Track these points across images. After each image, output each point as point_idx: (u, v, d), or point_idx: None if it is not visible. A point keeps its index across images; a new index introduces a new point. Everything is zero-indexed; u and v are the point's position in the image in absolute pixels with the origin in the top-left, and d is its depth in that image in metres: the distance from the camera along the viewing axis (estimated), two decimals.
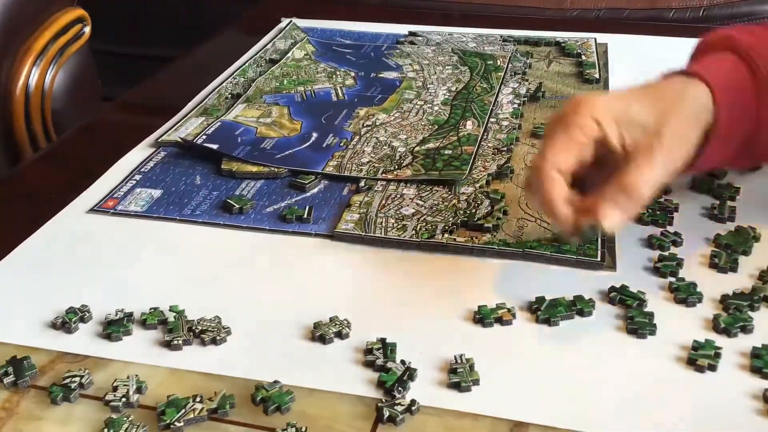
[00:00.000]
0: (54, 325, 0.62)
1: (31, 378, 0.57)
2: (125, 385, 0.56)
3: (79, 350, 0.60)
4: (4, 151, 1.17)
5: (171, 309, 0.63)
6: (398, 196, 0.78)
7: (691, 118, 0.65)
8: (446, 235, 0.71)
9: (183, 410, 0.53)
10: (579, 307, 0.63)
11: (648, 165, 0.62)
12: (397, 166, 0.83)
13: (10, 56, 1.16)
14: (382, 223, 0.74)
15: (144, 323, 0.62)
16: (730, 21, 1.45)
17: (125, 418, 0.53)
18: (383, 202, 0.77)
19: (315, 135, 0.89)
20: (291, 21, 1.26)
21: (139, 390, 0.56)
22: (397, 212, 0.75)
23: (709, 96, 0.66)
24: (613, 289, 0.64)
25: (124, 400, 0.55)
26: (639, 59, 1.08)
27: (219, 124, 0.91)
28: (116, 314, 0.62)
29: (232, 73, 1.07)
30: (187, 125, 0.91)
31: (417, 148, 0.86)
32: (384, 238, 0.72)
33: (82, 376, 0.56)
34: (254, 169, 0.83)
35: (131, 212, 0.77)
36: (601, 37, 1.17)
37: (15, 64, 1.16)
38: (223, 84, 1.03)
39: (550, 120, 0.67)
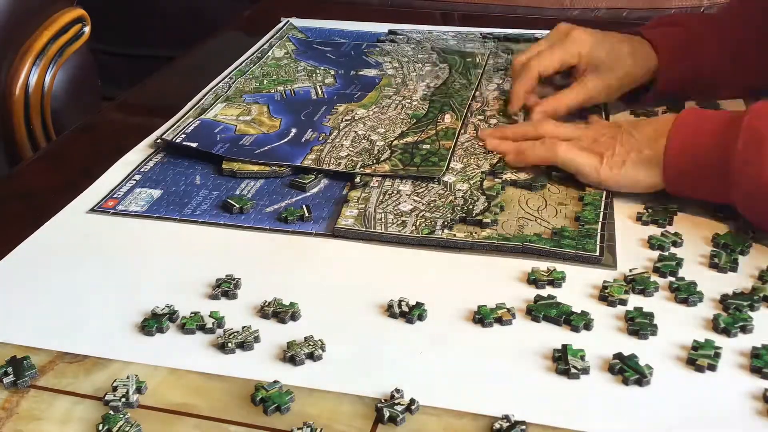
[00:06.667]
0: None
1: (31, 378, 0.57)
2: (125, 385, 0.56)
3: (80, 350, 0.60)
4: (4, 151, 1.17)
5: (211, 315, 0.62)
6: (395, 192, 0.78)
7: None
8: (446, 231, 0.72)
9: None
10: (573, 324, 0.61)
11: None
12: (375, 161, 0.83)
13: (10, 56, 1.16)
14: (381, 219, 0.74)
15: (183, 327, 0.61)
16: None
17: (121, 416, 0.53)
18: (380, 197, 0.77)
19: (294, 131, 0.90)
20: (288, 21, 1.26)
21: (138, 390, 0.56)
22: (396, 208, 0.75)
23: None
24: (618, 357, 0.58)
25: (123, 400, 0.54)
26: None
27: (198, 122, 0.91)
28: (162, 309, 0.63)
29: (230, 73, 1.07)
30: (184, 126, 0.91)
31: (395, 142, 0.86)
32: (385, 234, 0.72)
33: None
34: (255, 168, 0.82)
35: (131, 212, 0.77)
36: None
37: (15, 64, 1.16)
38: (219, 84, 1.03)
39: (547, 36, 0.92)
